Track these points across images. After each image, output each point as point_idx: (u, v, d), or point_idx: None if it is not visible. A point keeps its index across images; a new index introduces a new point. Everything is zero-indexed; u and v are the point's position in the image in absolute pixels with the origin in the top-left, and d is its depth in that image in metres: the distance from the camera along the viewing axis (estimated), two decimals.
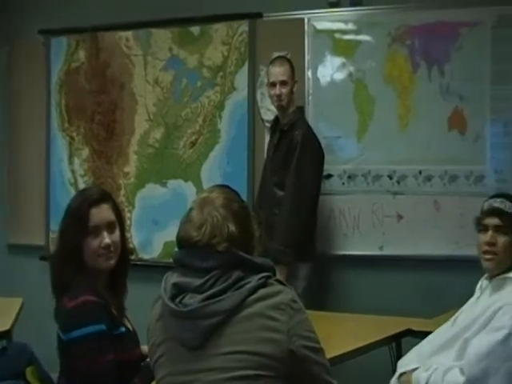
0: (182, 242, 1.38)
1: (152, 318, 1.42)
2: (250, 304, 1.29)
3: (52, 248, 3.66)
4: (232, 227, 1.35)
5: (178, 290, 1.33)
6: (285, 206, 2.80)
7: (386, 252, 3.07)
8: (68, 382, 1.72)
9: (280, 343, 1.27)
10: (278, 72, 2.91)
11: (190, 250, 1.35)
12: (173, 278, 1.36)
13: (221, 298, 1.29)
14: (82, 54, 3.68)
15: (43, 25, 3.72)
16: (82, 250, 1.75)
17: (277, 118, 3.00)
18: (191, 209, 1.39)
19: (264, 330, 1.28)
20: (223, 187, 1.48)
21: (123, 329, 1.73)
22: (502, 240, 1.83)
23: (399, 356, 2.24)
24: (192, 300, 1.30)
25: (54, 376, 1.91)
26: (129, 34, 3.55)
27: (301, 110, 2.98)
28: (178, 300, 1.32)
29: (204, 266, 1.32)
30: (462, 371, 1.70)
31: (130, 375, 1.69)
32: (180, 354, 1.32)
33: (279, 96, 2.89)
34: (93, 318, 1.66)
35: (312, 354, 1.32)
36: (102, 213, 1.80)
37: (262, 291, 1.31)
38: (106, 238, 1.77)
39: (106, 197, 1.83)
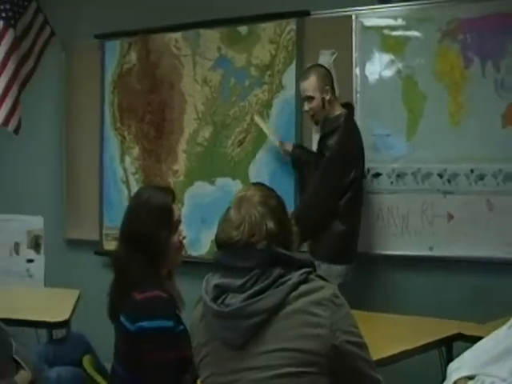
0: (222, 242, 1.39)
1: (194, 319, 1.45)
2: (291, 301, 1.29)
3: (106, 243, 3.80)
4: (270, 224, 1.35)
5: (220, 291, 1.35)
6: (294, 213, 2.70)
7: (436, 253, 2.98)
8: (126, 370, 1.76)
9: (323, 339, 1.27)
10: (303, 87, 2.86)
11: (230, 251, 1.36)
12: (214, 279, 1.38)
13: (262, 296, 1.29)
14: (133, 56, 3.76)
15: (97, 29, 3.83)
16: (169, 247, 1.79)
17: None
18: (229, 208, 1.41)
19: (307, 326, 1.28)
20: (259, 185, 1.49)
21: (182, 326, 1.78)
22: None
23: (449, 360, 2.18)
24: (234, 300, 1.32)
25: (107, 366, 1.99)
26: (178, 35, 3.61)
27: (347, 110, 2.84)
28: (219, 301, 1.34)
29: (244, 265, 1.33)
30: None
31: (184, 372, 1.73)
32: (223, 354, 1.34)
33: (307, 112, 2.86)
34: (164, 313, 1.71)
35: (356, 348, 1.31)
36: (178, 208, 1.88)
37: (303, 287, 1.31)
38: (184, 231, 1.86)
39: None
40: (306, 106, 2.85)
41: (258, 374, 1.28)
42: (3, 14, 3.43)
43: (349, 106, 2.89)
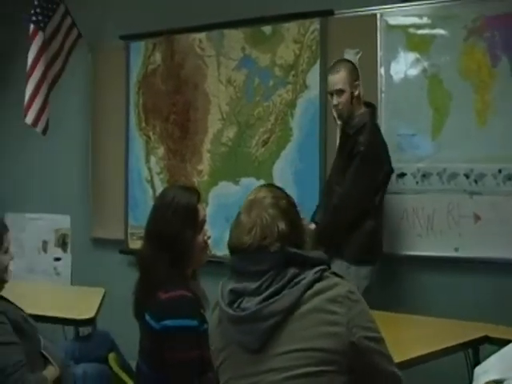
0: (234, 248, 1.39)
1: (211, 325, 1.46)
2: (307, 299, 1.29)
3: (131, 242, 3.85)
4: (282, 225, 1.35)
5: (235, 296, 1.35)
6: (327, 214, 2.76)
7: (462, 254, 2.94)
8: (151, 368, 1.78)
9: (340, 336, 1.26)
10: (333, 80, 2.78)
11: (244, 256, 1.36)
12: (229, 284, 1.38)
13: (277, 297, 1.29)
14: (158, 57, 3.80)
15: (123, 30, 3.88)
16: (194, 247, 1.81)
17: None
18: (239, 213, 1.41)
19: (323, 324, 1.27)
20: (269, 186, 1.50)
21: (206, 325, 1.77)
22: None
23: (476, 363, 2.16)
24: (249, 303, 1.32)
25: (132, 364, 2.01)
26: (202, 35, 3.63)
27: (370, 109, 2.82)
28: (235, 305, 1.34)
29: (258, 269, 1.33)
30: None
31: (207, 371, 1.72)
32: (241, 358, 1.34)
33: (336, 106, 2.78)
34: (188, 312, 1.72)
35: (374, 344, 1.30)
36: (203, 208, 1.90)
37: (318, 285, 1.30)
38: (208, 231, 1.87)
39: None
40: (335, 100, 2.77)
41: (276, 375, 1.28)
42: (33, 18, 3.51)
43: (371, 105, 2.86)
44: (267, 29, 3.43)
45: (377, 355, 1.31)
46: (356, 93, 2.78)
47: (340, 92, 2.76)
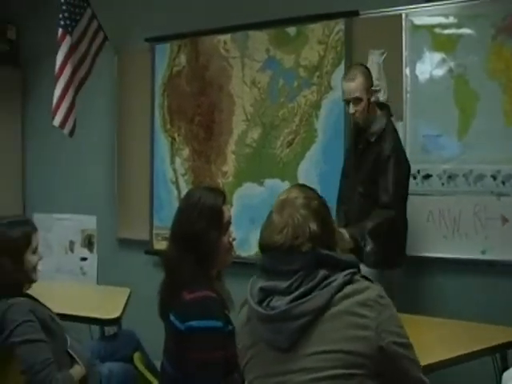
0: (265, 246, 1.39)
1: (239, 322, 1.46)
2: (337, 302, 1.29)
3: (156, 243, 3.88)
4: (313, 226, 1.35)
5: (265, 294, 1.35)
6: (375, 221, 2.60)
7: (489, 257, 2.89)
8: (175, 368, 1.79)
9: (369, 340, 1.26)
10: (349, 88, 2.66)
11: (275, 255, 1.36)
12: (259, 282, 1.38)
13: (308, 297, 1.29)
14: (183, 59, 3.82)
15: (148, 33, 3.92)
16: (219, 248, 1.82)
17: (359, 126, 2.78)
18: (271, 213, 1.40)
19: (352, 327, 1.27)
20: (301, 186, 1.49)
21: (231, 326, 1.79)
22: None
23: (504, 368, 2.12)
24: (279, 302, 1.32)
25: (157, 363, 2.03)
26: (227, 37, 3.65)
27: (385, 111, 2.75)
28: (265, 304, 1.34)
29: (289, 268, 1.33)
30: None
31: (232, 372, 1.74)
32: (269, 357, 1.34)
33: (353, 114, 2.68)
34: (213, 313, 1.73)
35: (402, 349, 1.30)
36: (228, 209, 1.90)
37: (348, 288, 1.30)
38: (233, 233, 1.88)
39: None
40: (352, 109, 2.67)
41: (304, 376, 1.28)
42: (62, 22, 3.58)
43: (385, 106, 2.81)
44: (291, 30, 3.43)
45: (405, 361, 1.31)
46: (372, 98, 2.72)
47: (357, 100, 2.65)
